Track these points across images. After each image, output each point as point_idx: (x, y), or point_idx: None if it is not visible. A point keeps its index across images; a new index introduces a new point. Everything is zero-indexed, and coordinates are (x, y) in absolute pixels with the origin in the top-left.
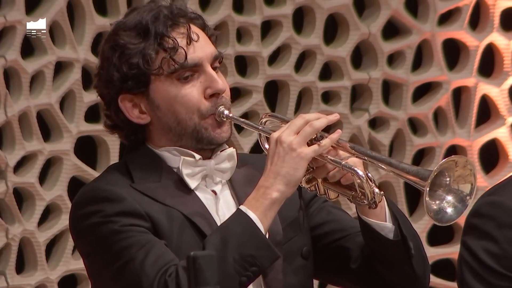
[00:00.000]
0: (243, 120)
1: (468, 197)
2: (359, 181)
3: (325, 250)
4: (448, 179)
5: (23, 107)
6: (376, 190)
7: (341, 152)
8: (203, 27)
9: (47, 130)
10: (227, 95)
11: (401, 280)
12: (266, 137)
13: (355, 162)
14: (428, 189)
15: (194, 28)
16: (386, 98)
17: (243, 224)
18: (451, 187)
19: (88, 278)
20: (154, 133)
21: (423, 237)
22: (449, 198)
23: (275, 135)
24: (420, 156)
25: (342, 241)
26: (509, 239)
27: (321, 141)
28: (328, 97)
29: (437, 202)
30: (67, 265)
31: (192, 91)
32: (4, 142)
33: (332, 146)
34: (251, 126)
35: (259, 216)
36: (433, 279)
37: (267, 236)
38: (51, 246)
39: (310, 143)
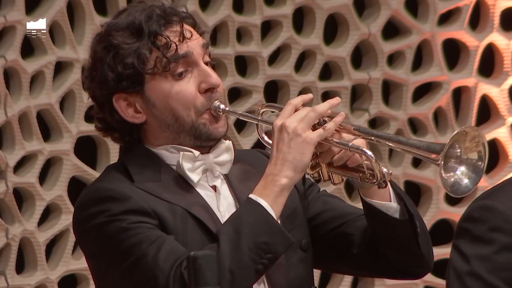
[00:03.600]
0: (240, 112)
1: (480, 163)
2: (367, 162)
3: (326, 239)
4: (458, 150)
5: (23, 107)
6: (385, 170)
7: (344, 135)
8: (194, 26)
9: (47, 130)
10: (220, 89)
11: (407, 260)
12: (265, 127)
13: (360, 144)
14: (442, 162)
15: (186, 27)
16: (386, 98)
17: (255, 212)
18: (462, 158)
19: (93, 280)
20: (151, 132)
21: None
22: (463, 168)
23: (278, 122)
24: None
25: (342, 228)
26: (500, 242)
27: (325, 125)
28: (328, 97)
29: (451, 173)
30: (67, 265)
31: (187, 87)
32: (4, 142)
33: (335, 129)
34: (250, 117)
35: (270, 203)
36: (433, 279)
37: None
38: (51, 246)
39: (313, 128)
